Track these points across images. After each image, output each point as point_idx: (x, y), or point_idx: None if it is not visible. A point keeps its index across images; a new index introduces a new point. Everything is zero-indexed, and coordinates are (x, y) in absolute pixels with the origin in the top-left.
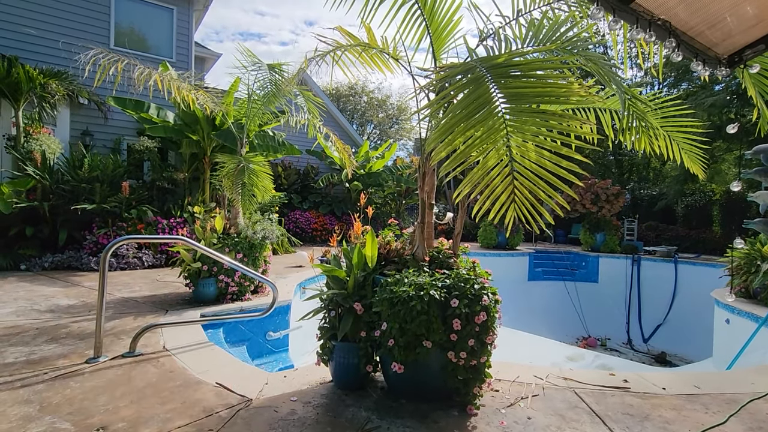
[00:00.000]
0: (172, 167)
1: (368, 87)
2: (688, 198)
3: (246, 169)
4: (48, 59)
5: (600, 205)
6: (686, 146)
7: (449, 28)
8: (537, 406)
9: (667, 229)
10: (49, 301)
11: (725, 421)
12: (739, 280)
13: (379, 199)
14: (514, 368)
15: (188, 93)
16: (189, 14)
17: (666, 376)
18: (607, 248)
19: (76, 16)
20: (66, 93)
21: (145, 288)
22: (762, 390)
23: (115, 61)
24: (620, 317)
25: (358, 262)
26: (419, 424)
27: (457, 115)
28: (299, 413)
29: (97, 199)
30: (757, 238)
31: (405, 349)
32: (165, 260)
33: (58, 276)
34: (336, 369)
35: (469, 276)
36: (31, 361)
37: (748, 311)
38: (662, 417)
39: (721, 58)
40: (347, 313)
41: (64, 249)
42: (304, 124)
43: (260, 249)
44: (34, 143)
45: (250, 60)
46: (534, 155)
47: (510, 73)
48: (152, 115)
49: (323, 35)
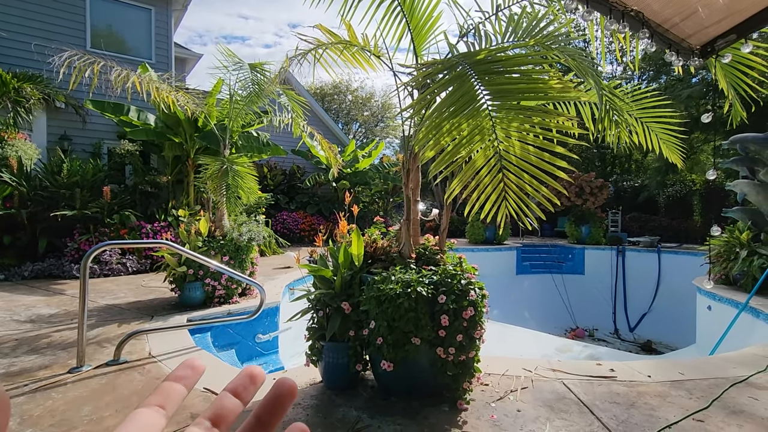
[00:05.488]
0: (154, 170)
1: (352, 85)
2: (669, 189)
3: (230, 171)
4: (21, 62)
5: (585, 198)
6: (665, 137)
7: (429, 24)
8: (526, 399)
9: (650, 219)
10: (30, 310)
11: (708, 406)
12: (719, 268)
13: (366, 197)
14: (503, 362)
15: (168, 94)
16: (168, 14)
17: (651, 364)
18: (592, 240)
19: (49, 17)
20: (41, 97)
21: (129, 294)
22: (743, 374)
23: (91, 63)
24: (607, 308)
25: (344, 261)
26: (410, 421)
27: (443, 113)
28: (289, 415)
29: (77, 205)
30: (735, 226)
31: (394, 346)
32: (150, 265)
33: (39, 285)
34: (325, 369)
35: (455, 272)
36: (11, 374)
37: (729, 297)
38: (648, 404)
39: (694, 49)
40: (335, 313)
41: (45, 257)
42: (288, 123)
43: (247, 251)
44: (9, 149)
45: (231, 60)
46: (520, 151)
47: (493, 69)
48: (132, 118)
49: (304, 34)
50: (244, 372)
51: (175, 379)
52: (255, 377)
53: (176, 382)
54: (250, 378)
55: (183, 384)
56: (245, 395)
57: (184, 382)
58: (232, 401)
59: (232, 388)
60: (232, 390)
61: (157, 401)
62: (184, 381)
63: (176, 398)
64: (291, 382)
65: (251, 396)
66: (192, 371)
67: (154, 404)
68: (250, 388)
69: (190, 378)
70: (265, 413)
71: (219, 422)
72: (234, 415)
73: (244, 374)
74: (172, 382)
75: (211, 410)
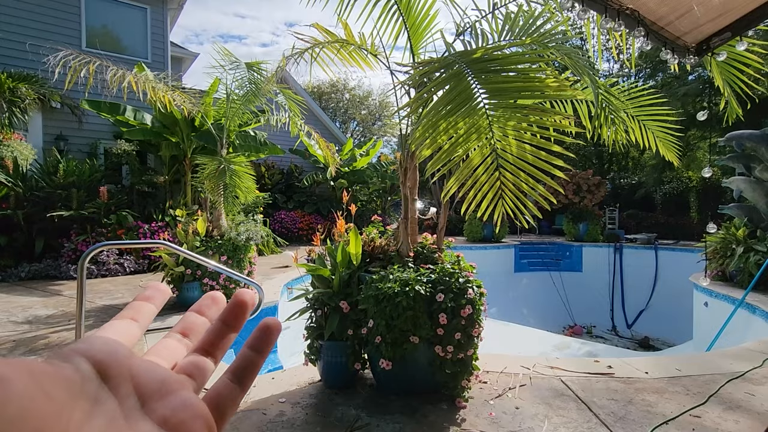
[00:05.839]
0: (151, 170)
1: (349, 84)
2: (666, 186)
3: (227, 170)
4: (16, 62)
5: (582, 196)
6: (661, 134)
7: (426, 22)
8: (525, 396)
9: (647, 216)
10: (27, 311)
11: (705, 402)
12: (716, 264)
13: (364, 196)
14: (501, 359)
15: (165, 94)
16: (163, 13)
17: (648, 361)
18: (590, 237)
19: (44, 17)
20: (37, 97)
21: (127, 294)
22: (740, 370)
23: (86, 63)
24: (605, 305)
25: (342, 260)
26: (409, 419)
27: (440, 111)
28: (288, 414)
29: (74, 205)
30: (732, 223)
31: (392, 345)
32: (147, 265)
33: (36, 286)
34: (324, 368)
35: (453, 270)
36: None
37: (726, 294)
38: (645, 400)
39: (689, 47)
40: (333, 312)
41: (42, 258)
42: (285, 123)
43: (245, 250)
44: (4, 150)
45: (228, 59)
46: (516, 149)
47: (490, 67)
48: (129, 118)
49: (301, 33)
50: (205, 296)
51: (144, 298)
52: (215, 298)
53: (145, 301)
54: (211, 299)
55: (152, 303)
56: (209, 313)
57: (153, 301)
58: (197, 317)
59: (196, 308)
60: (196, 310)
61: (129, 315)
62: (153, 300)
63: (147, 315)
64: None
65: (215, 314)
66: (158, 292)
67: (127, 318)
68: (212, 307)
69: (158, 298)
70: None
71: (188, 334)
72: (202, 327)
73: (205, 297)
74: (142, 301)
75: (180, 326)
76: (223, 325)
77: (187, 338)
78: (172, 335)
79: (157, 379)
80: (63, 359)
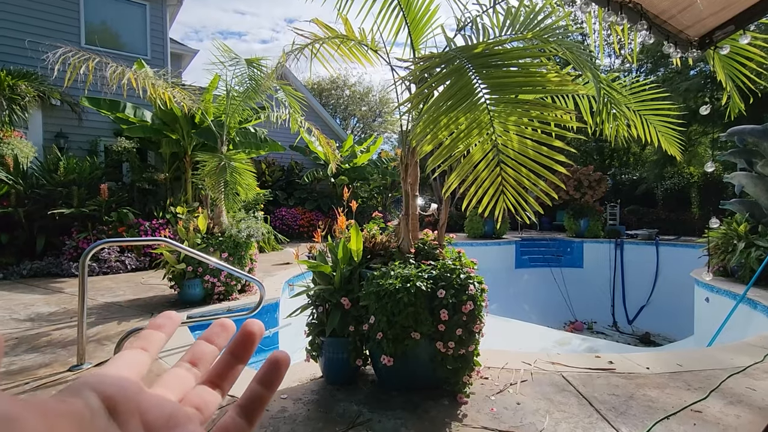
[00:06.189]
0: (152, 168)
1: (350, 80)
2: (668, 181)
3: (228, 167)
4: (15, 59)
5: (583, 192)
6: (663, 129)
7: (426, 17)
8: (526, 392)
9: (648, 212)
10: (29, 309)
11: (706, 397)
12: (717, 260)
13: (365, 193)
14: (502, 355)
15: (165, 91)
16: (163, 10)
17: (650, 356)
18: (590, 233)
19: (43, 13)
20: (37, 94)
21: (128, 292)
22: (741, 365)
23: (85, 60)
24: (605, 300)
25: (343, 256)
26: (410, 414)
27: (440, 107)
28: (290, 410)
29: (74, 203)
30: (733, 218)
31: (393, 341)
32: (149, 263)
33: (38, 283)
34: (326, 364)
35: (454, 266)
36: (11, 372)
37: (727, 289)
38: (646, 396)
39: (692, 41)
40: (335, 309)
41: (43, 255)
42: (285, 119)
43: (246, 247)
44: (5, 147)
45: (228, 56)
46: (518, 145)
47: (491, 62)
48: (129, 115)
49: (301, 29)
50: (214, 323)
51: (155, 327)
52: (225, 326)
53: (156, 330)
54: (221, 327)
55: (163, 332)
56: (218, 341)
57: (163, 330)
58: (206, 345)
59: (206, 336)
60: (205, 338)
61: (140, 345)
62: (164, 329)
63: (157, 343)
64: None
65: (224, 342)
66: (170, 321)
67: (138, 347)
68: (222, 334)
69: (169, 326)
70: (237, 348)
71: (197, 363)
72: (210, 356)
73: (215, 324)
74: (153, 330)
75: (189, 354)
76: (231, 357)
77: (196, 368)
78: (181, 364)
79: (164, 413)
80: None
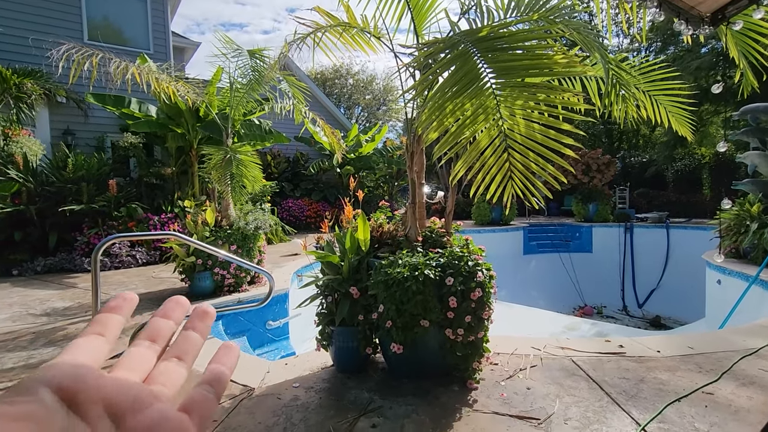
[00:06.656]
0: (158, 162)
1: (353, 69)
2: (678, 163)
3: (233, 160)
4: (20, 57)
5: (591, 176)
6: (673, 109)
7: (430, 2)
8: (536, 377)
9: (658, 195)
10: (44, 304)
11: (718, 379)
12: (729, 241)
13: (371, 182)
14: (512, 341)
15: (168, 85)
16: (164, 3)
17: (660, 339)
18: (599, 218)
19: (45, 10)
20: (43, 92)
21: (140, 285)
22: (753, 347)
23: (89, 56)
24: (615, 285)
25: (351, 246)
26: (421, 401)
27: (446, 93)
28: (302, 399)
29: (84, 199)
30: (746, 199)
31: (403, 329)
32: (159, 257)
33: (52, 279)
34: (336, 353)
35: (462, 253)
36: (30, 366)
37: (739, 271)
38: (657, 379)
39: (704, 17)
40: (344, 298)
41: (56, 252)
42: (289, 110)
43: (254, 239)
44: (14, 146)
45: (230, 47)
46: (525, 129)
47: (496, 46)
48: (134, 110)
49: (302, 18)
50: (169, 299)
51: (109, 310)
52: (179, 302)
53: (111, 313)
54: (175, 302)
55: (119, 314)
56: (175, 316)
57: (119, 312)
58: (164, 321)
59: (162, 313)
60: (161, 314)
61: (96, 330)
62: (119, 311)
63: (115, 327)
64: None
65: (181, 317)
66: (125, 301)
67: (92, 333)
68: (177, 309)
69: (125, 307)
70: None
71: (155, 339)
72: (168, 331)
73: (169, 300)
74: (107, 313)
75: (146, 332)
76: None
77: (156, 343)
78: (139, 343)
79: (129, 395)
80: (25, 393)
